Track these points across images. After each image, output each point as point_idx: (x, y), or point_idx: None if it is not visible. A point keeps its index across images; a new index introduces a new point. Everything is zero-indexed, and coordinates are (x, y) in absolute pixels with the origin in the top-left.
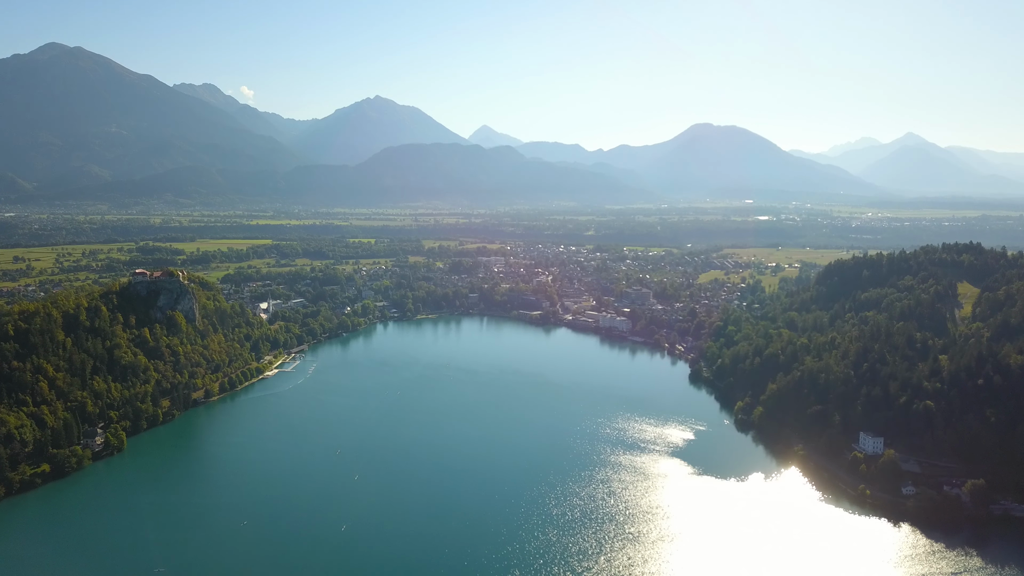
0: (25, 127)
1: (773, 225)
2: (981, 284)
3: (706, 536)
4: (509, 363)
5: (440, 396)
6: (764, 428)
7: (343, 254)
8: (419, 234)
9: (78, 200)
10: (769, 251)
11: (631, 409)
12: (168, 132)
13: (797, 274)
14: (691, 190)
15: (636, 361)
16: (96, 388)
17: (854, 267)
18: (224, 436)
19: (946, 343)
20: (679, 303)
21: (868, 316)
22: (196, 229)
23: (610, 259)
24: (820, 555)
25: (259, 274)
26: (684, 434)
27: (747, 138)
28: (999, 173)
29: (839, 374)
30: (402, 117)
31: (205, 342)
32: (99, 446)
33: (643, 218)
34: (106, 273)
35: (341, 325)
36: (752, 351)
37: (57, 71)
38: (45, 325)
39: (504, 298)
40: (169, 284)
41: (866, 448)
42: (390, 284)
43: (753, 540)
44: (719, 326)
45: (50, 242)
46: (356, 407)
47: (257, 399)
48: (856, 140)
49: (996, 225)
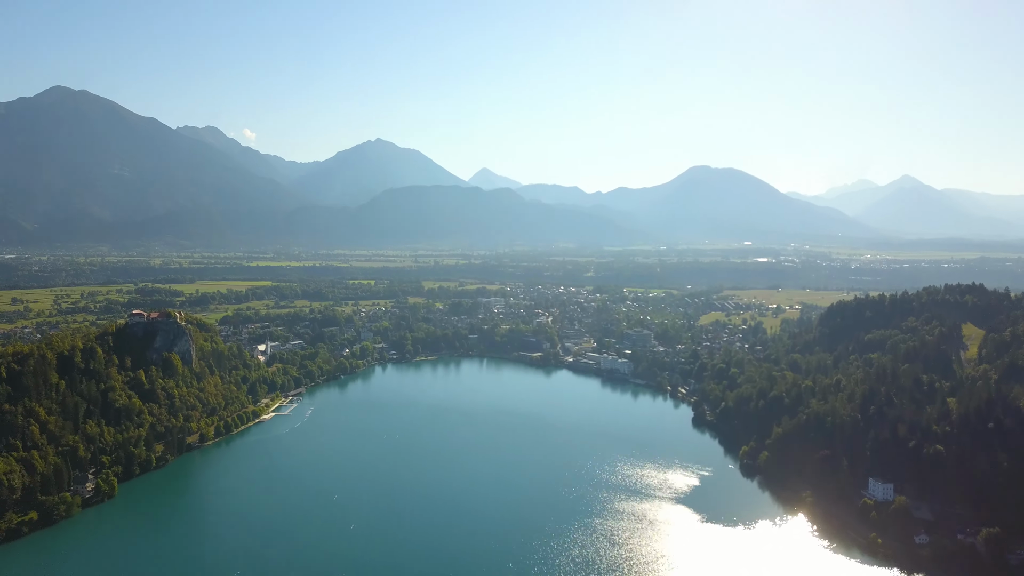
0: (27, 169)
1: (772, 267)
2: (985, 325)
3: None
4: (509, 405)
5: (439, 439)
6: (770, 473)
7: (342, 295)
8: (419, 275)
9: (79, 241)
10: (769, 292)
11: (634, 453)
12: (170, 174)
13: (798, 316)
14: (690, 231)
15: (638, 404)
16: (89, 432)
17: (856, 308)
18: (218, 482)
19: (953, 385)
20: (681, 345)
21: (872, 358)
22: (196, 270)
23: (610, 300)
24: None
25: (258, 315)
26: (689, 479)
27: (745, 180)
28: (995, 215)
29: (846, 417)
30: (403, 159)
31: (201, 384)
32: (90, 492)
33: (642, 259)
34: (104, 315)
35: (339, 367)
36: (756, 393)
37: (62, 114)
38: (39, 367)
39: (504, 339)
40: (166, 325)
41: (876, 494)
42: (389, 325)
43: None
44: (721, 368)
45: (49, 284)
46: (354, 451)
47: (253, 443)
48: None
49: (995, 267)
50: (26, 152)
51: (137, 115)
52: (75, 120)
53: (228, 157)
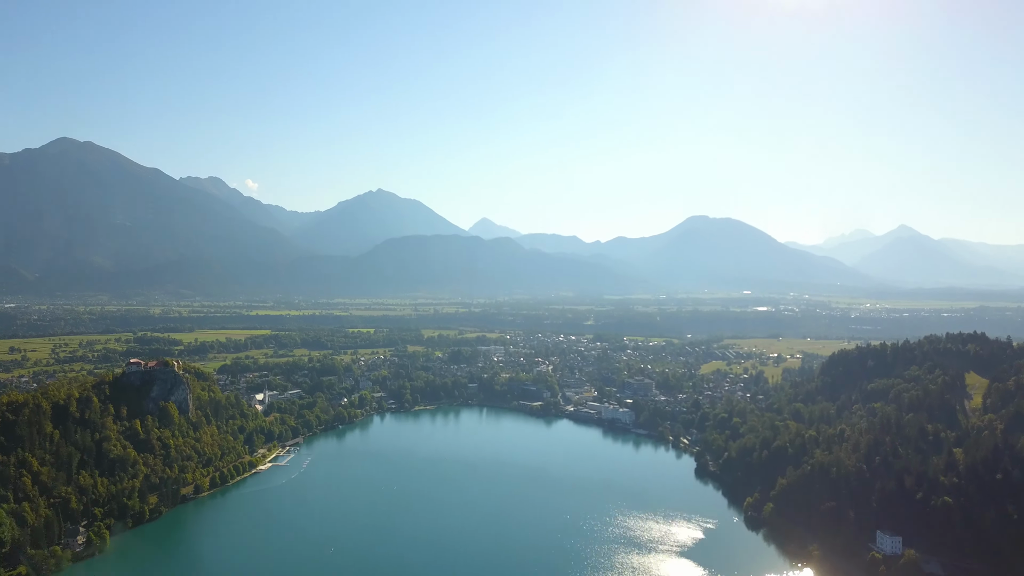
0: (30, 218)
1: (772, 316)
2: (989, 374)
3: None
4: (509, 456)
5: (438, 490)
6: (776, 525)
7: (342, 344)
8: (418, 323)
9: (79, 290)
10: (770, 341)
11: (636, 505)
12: (173, 224)
13: (800, 364)
14: (688, 280)
15: (640, 454)
16: (82, 483)
17: (858, 357)
18: (212, 535)
19: (959, 435)
20: (682, 394)
21: (876, 407)
22: (195, 319)
23: (611, 348)
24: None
25: (256, 364)
26: (692, 532)
27: (743, 230)
28: (993, 265)
29: (851, 468)
30: (404, 210)
31: (197, 434)
32: (80, 546)
33: (642, 308)
34: (102, 364)
35: (337, 417)
36: (759, 444)
37: (66, 164)
38: (33, 417)
39: (504, 388)
40: (163, 374)
41: (884, 547)
42: (388, 374)
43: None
44: (724, 417)
45: (48, 333)
46: (351, 502)
47: (249, 494)
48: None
49: (995, 316)
50: (30, 202)
51: (141, 166)
52: (80, 170)
53: (230, 207)
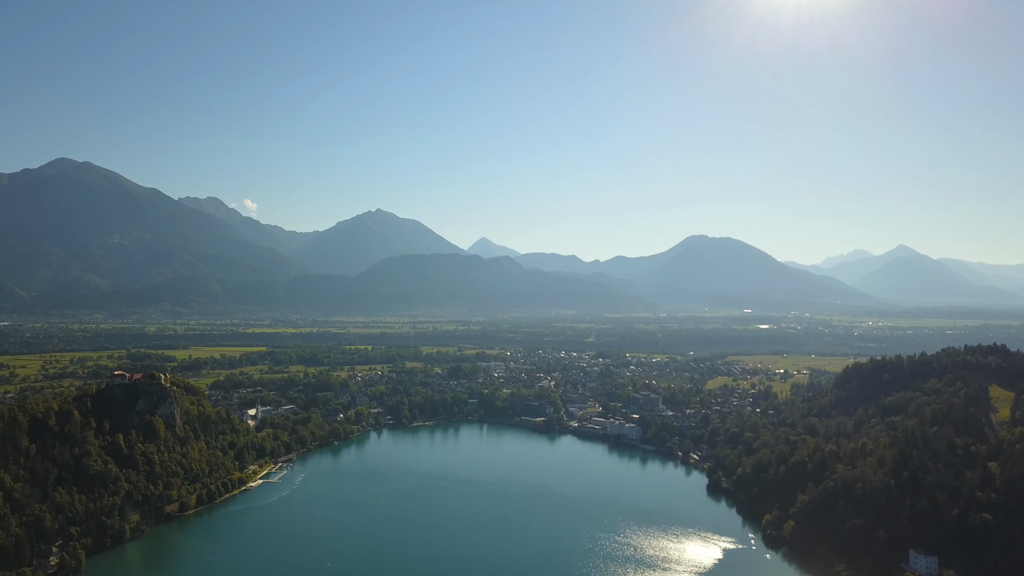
0: (28, 238)
1: (775, 333)
2: (1013, 387)
3: None
4: (512, 473)
5: (437, 509)
6: (797, 544)
7: (338, 360)
8: (417, 340)
9: (75, 309)
10: (775, 358)
11: (647, 523)
12: (170, 243)
13: (807, 380)
14: (688, 300)
15: (648, 470)
16: (58, 500)
17: (873, 371)
18: (196, 554)
19: (990, 449)
20: (690, 409)
21: (895, 421)
22: (191, 337)
23: (613, 365)
24: None
25: (250, 380)
26: (709, 552)
27: (742, 249)
28: (992, 284)
29: (877, 484)
30: (403, 229)
31: (184, 450)
32: (53, 567)
33: (643, 326)
34: (92, 380)
35: (333, 433)
36: (775, 459)
37: (64, 184)
38: (9, 431)
39: (505, 404)
40: (149, 387)
41: (919, 568)
42: (385, 390)
43: None
44: (735, 432)
45: (40, 350)
46: (346, 520)
47: (237, 512)
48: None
49: (999, 334)
50: (27, 222)
51: (139, 186)
52: (78, 191)
53: (229, 227)
